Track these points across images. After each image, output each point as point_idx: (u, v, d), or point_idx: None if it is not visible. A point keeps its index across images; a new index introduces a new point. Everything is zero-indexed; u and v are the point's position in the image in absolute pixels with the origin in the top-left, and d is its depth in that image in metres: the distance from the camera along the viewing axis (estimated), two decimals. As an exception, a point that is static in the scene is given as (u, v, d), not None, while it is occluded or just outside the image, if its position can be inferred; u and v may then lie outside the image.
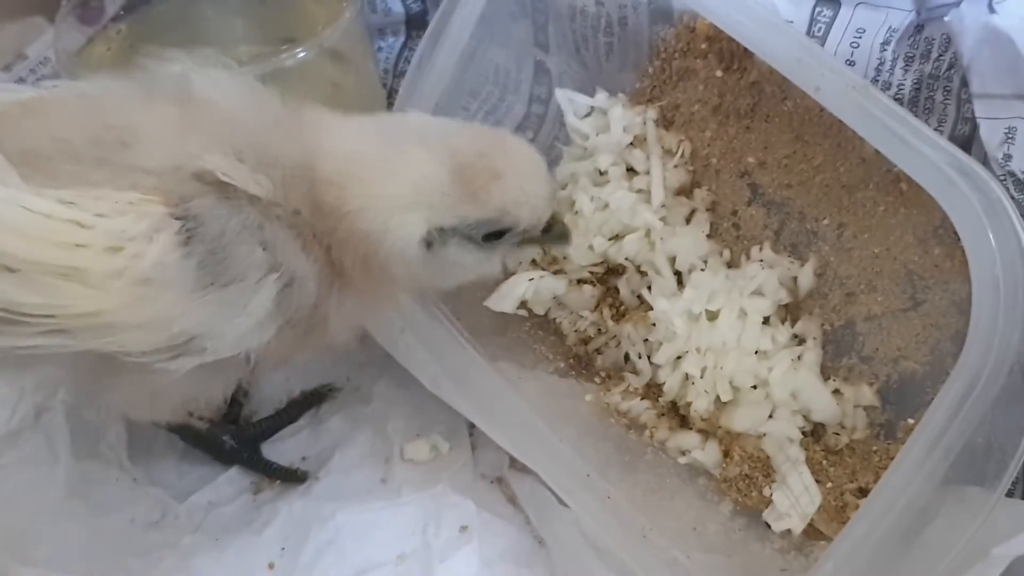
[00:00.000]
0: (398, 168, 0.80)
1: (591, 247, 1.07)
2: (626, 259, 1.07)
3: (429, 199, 0.80)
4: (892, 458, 0.84)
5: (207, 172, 0.75)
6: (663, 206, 1.06)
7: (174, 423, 1.02)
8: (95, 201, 0.73)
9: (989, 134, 0.89)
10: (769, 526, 0.97)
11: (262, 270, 0.76)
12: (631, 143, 1.09)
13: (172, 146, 0.77)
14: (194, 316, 0.74)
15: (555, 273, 1.10)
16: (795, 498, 0.96)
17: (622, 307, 1.08)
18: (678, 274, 1.05)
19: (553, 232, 0.89)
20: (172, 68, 0.84)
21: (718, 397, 1.00)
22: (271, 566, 1.00)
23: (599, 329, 1.09)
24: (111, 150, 0.76)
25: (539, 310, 1.11)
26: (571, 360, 1.10)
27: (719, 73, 1.05)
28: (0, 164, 0.74)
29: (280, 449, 1.11)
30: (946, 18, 0.91)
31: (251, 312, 0.76)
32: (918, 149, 0.82)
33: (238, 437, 1.09)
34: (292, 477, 1.08)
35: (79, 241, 0.72)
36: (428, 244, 0.82)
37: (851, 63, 0.96)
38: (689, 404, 1.01)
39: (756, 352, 1.00)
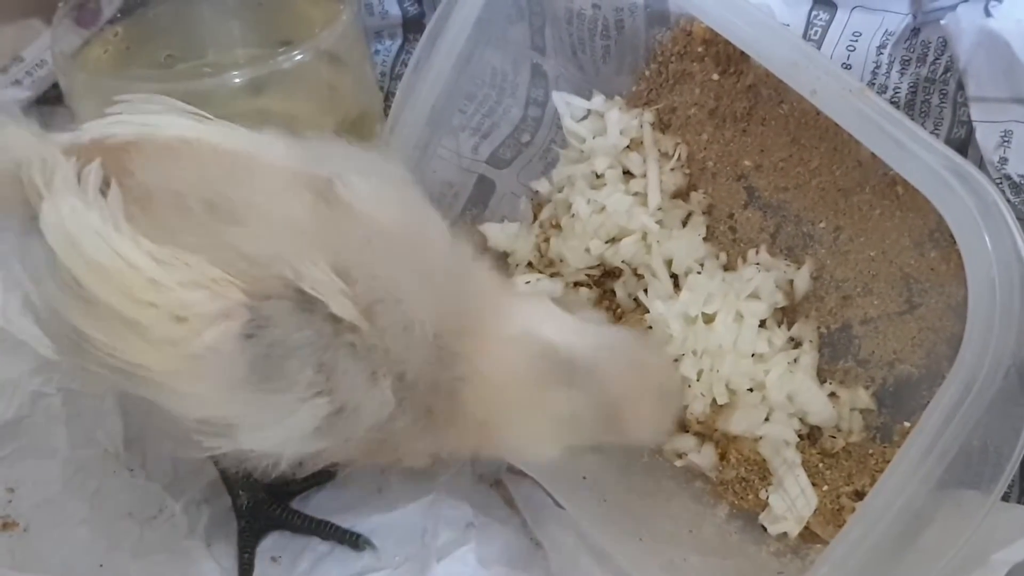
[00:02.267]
0: (547, 407, 0.79)
1: (587, 250, 1.07)
2: (623, 262, 1.07)
3: (571, 437, 0.82)
4: (888, 461, 0.84)
5: (296, 280, 0.74)
6: (659, 209, 1.06)
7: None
8: (181, 266, 0.73)
9: (985, 137, 0.89)
10: (765, 529, 0.97)
11: (308, 391, 0.74)
12: (628, 146, 1.09)
13: (279, 239, 0.75)
14: (233, 408, 0.74)
15: (551, 276, 1.10)
16: (791, 501, 0.96)
17: (619, 310, 1.08)
18: (674, 277, 1.05)
19: None
20: (325, 165, 0.82)
21: (714, 400, 1.00)
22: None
23: (596, 332, 1.09)
24: (219, 221, 0.75)
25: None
26: (568, 362, 1.10)
27: (715, 76, 1.05)
28: (112, 199, 0.75)
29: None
30: (942, 21, 0.91)
31: (289, 426, 0.75)
32: (914, 152, 0.82)
33: (257, 508, 1.03)
34: (347, 539, 1.02)
35: (150, 299, 0.72)
36: None
37: (847, 66, 0.97)
38: (685, 407, 1.01)
39: (752, 355, 1.00)
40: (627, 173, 1.10)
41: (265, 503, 1.03)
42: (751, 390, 0.99)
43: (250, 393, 0.73)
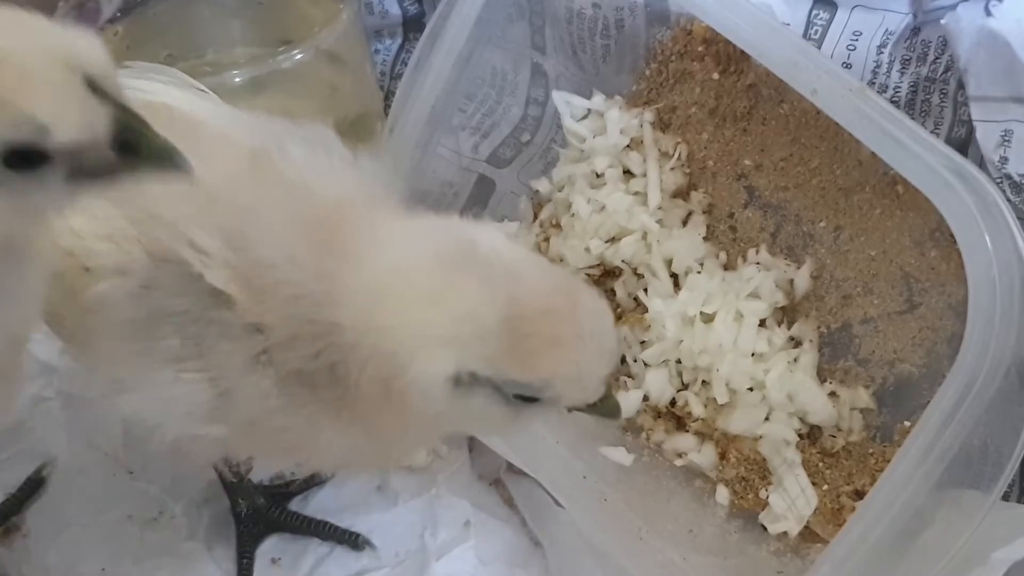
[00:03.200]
0: (444, 295, 0.68)
1: (588, 249, 1.07)
2: (623, 261, 1.07)
3: (467, 339, 0.67)
4: (888, 460, 0.84)
5: (183, 244, 0.73)
6: (660, 208, 1.06)
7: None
8: (99, 218, 0.74)
9: (985, 137, 0.89)
10: (765, 528, 0.97)
11: (180, 362, 0.73)
12: (628, 145, 1.09)
13: (190, 200, 0.74)
14: (122, 369, 0.74)
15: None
16: (791, 500, 0.96)
17: (618, 309, 1.08)
18: (674, 276, 1.05)
19: (601, 406, 0.75)
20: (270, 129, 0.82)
21: (714, 399, 1.00)
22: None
23: (596, 331, 1.09)
24: None
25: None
26: (567, 362, 1.10)
27: (716, 76, 1.05)
28: None
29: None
30: (943, 21, 0.91)
31: (170, 398, 0.73)
32: (914, 152, 0.82)
33: (256, 513, 1.02)
34: (346, 539, 1.01)
35: (69, 248, 0.74)
36: (455, 384, 0.69)
37: (848, 66, 0.97)
38: (686, 406, 1.01)
39: (752, 354, 1.00)
40: (627, 172, 1.10)
41: (263, 508, 1.03)
42: (751, 389, 0.99)
43: (133, 355, 0.73)
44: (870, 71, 0.97)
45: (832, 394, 0.99)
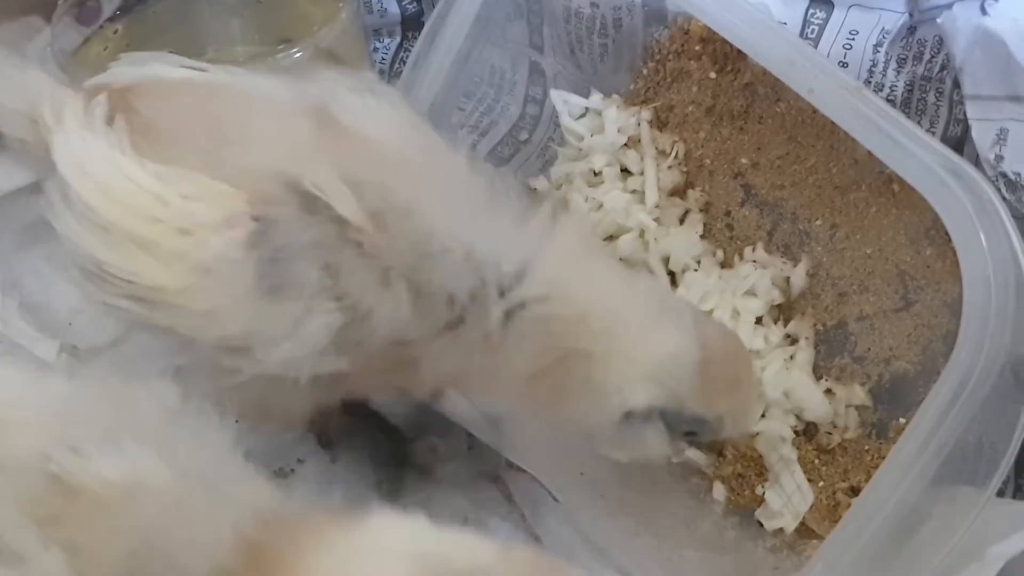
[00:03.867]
0: (655, 340, 0.77)
1: (586, 247, 1.08)
2: (620, 259, 1.07)
3: (667, 381, 0.77)
4: (884, 457, 0.84)
5: (299, 182, 0.74)
6: (657, 207, 1.07)
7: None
8: (184, 182, 0.75)
9: (981, 135, 0.89)
10: (762, 525, 0.98)
11: (317, 294, 0.74)
12: (625, 144, 1.10)
13: (280, 153, 0.76)
14: (247, 320, 0.74)
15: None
16: (787, 497, 0.96)
17: (616, 307, 1.09)
18: (672, 274, 1.06)
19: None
20: (321, 86, 0.83)
21: (712, 397, 1.00)
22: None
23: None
24: (219, 143, 0.77)
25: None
26: (565, 359, 1.11)
27: (713, 75, 1.06)
28: (119, 129, 0.78)
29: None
30: (938, 20, 0.92)
31: (303, 336, 0.74)
32: (910, 150, 0.82)
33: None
34: None
35: (157, 215, 0.74)
36: (628, 415, 0.79)
37: (844, 65, 0.97)
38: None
39: (749, 352, 1.00)
40: (625, 171, 1.10)
41: None
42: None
43: (260, 303, 0.73)
44: (866, 70, 0.97)
45: (828, 391, 0.99)
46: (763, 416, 0.99)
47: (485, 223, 0.78)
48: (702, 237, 1.07)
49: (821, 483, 0.97)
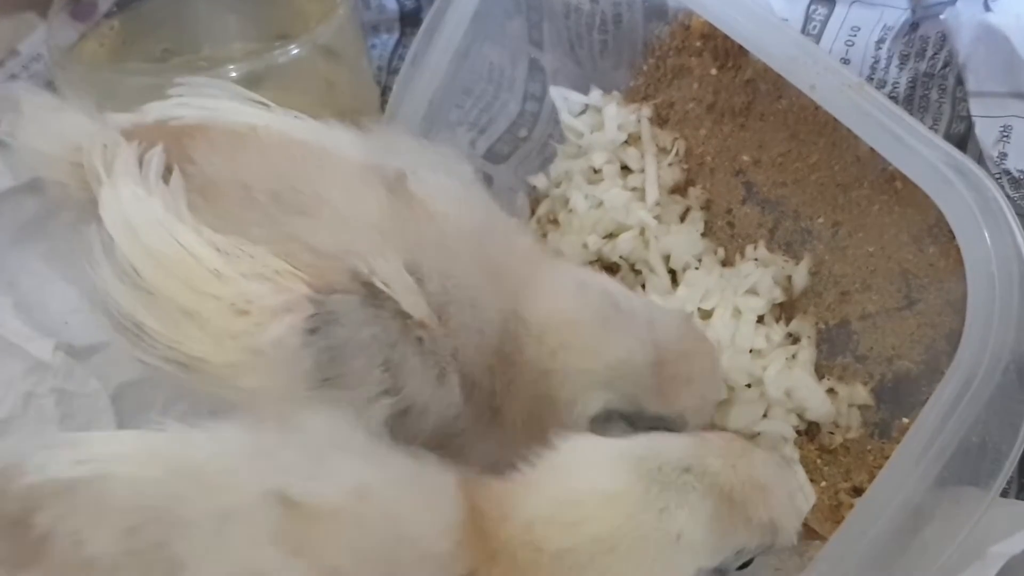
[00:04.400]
0: (604, 346, 0.78)
1: (585, 245, 1.07)
2: (620, 257, 1.06)
3: (621, 385, 0.78)
4: (887, 457, 0.84)
5: (362, 272, 0.72)
6: (657, 204, 1.06)
7: None
8: (245, 258, 0.71)
9: (984, 132, 0.89)
10: (763, 525, 0.97)
11: (376, 389, 0.72)
12: (625, 141, 1.09)
13: (348, 232, 0.74)
14: (295, 406, 0.71)
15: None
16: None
17: (616, 305, 1.08)
18: (672, 272, 1.05)
19: None
20: (395, 159, 0.81)
21: (712, 396, 1.00)
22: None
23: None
24: (285, 213, 0.74)
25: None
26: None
27: (714, 71, 1.05)
28: (174, 186, 0.74)
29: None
30: (942, 16, 0.91)
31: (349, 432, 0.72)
32: (913, 147, 0.82)
33: None
34: None
35: (211, 291, 0.71)
36: (592, 422, 0.79)
37: (846, 61, 0.96)
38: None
39: (750, 351, 0.99)
40: (625, 168, 1.09)
41: None
42: (749, 386, 0.99)
43: (313, 391, 0.71)
44: (868, 67, 0.96)
45: (830, 391, 0.98)
46: (764, 416, 0.98)
47: (522, 300, 0.79)
48: (703, 235, 1.06)
49: (823, 483, 0.96)
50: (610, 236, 1.07)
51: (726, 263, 1.05)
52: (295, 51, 1.06)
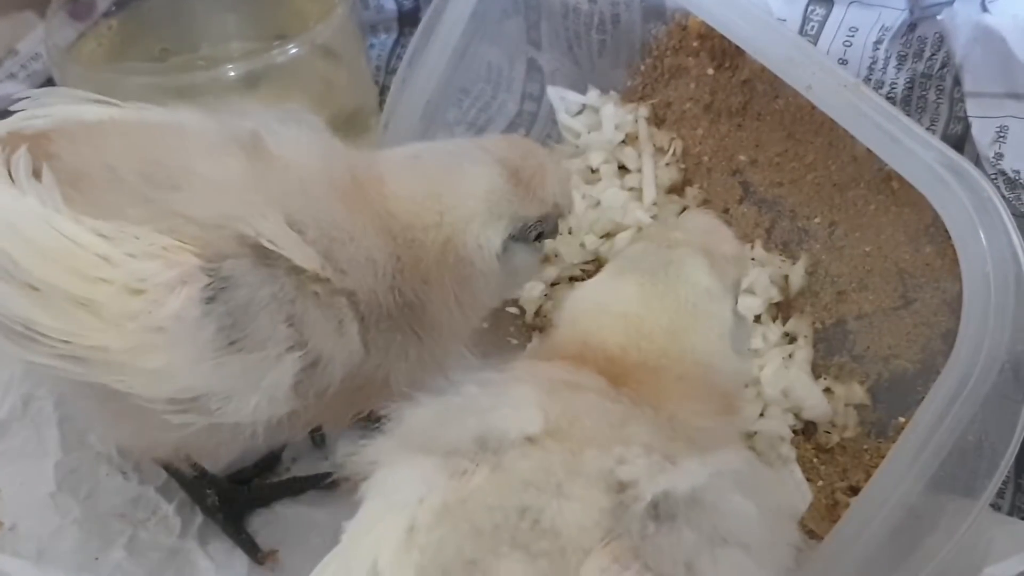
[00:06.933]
0: (469, 186, 0.83)
1: (583, 245, 1.07)
2: (619, 257, 1.06)
3: (499, 208, 0.83)
4: (883, 456, 0.84)
5: (249, 235, 0.73)
6: (655, 204, 1.06)
7: (164, 461, 0.97)
8: (130, 239, 0.72)
9: (981, 133, 0.89)
10: (760, 524, 0.97)
11: (283, 345, 0.73)
12: (623, 141, 1.09)
13: (224, 199, 0.75)
14: (204, 376, 0.72)
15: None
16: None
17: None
18: (670, 272, 1.05)
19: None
20: (246, 122, 0.82)
21: (709, 395, 1.00)
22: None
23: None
24: (159, 189, 0.75)
25: (530, 308, 1.11)
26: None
27: (711, 71, 1.05)
28: (46, 182, 0.73)
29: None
30: (939, 17, 0.91)
31: (265, 386, 0.73)
32: (909, 148, 0.82)
33: (226, 496, 1.01)
34: (253, 554, 0.99)
35: (102, 275, 0.71)
36: (503, 250, 0.84)
37: (844, 62, 0.96)
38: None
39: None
40: (622, 168, 1.10)
41: (231, 490, 1.02)
42: (746, 385, 0.99)
43: (221, 358, 0.72)
44: (866, 67, 0.96)
45: (827, 390, 0.99)
46: (761, 415, 0.99)
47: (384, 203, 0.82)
48: (700, 235, 1.06)
49: (820, 482, 0.96)
50: (607, 236, 1.07)
51: (723, 263, 1.05)
52: (294, 50, 1.06)
